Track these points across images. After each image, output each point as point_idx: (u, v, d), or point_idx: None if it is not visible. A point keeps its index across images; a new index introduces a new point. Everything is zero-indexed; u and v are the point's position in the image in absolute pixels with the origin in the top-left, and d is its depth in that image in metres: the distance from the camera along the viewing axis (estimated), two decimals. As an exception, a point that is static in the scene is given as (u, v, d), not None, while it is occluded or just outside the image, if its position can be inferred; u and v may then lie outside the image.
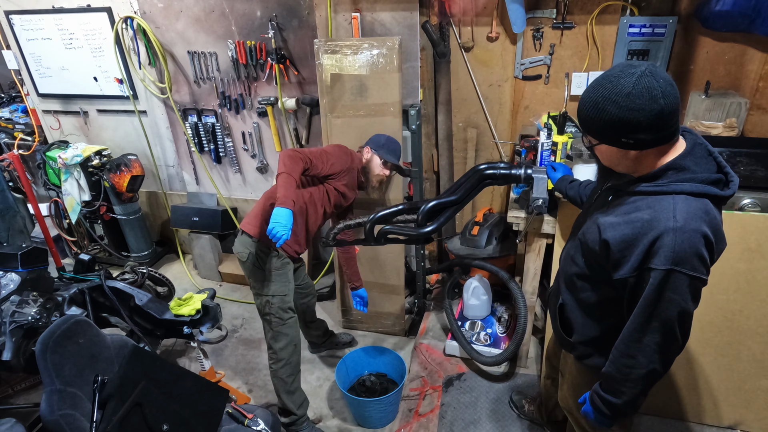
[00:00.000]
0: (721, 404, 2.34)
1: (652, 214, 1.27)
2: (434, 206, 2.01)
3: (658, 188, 1.29)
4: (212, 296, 2.57)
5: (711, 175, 1.28)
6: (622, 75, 1.21)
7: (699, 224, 1.23)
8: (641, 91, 1.18)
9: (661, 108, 1.18)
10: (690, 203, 1.25)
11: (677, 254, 1.23)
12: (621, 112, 1.20)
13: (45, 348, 1.65)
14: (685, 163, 1.28)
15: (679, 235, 1.22)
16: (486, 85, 2.96)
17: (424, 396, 2.69)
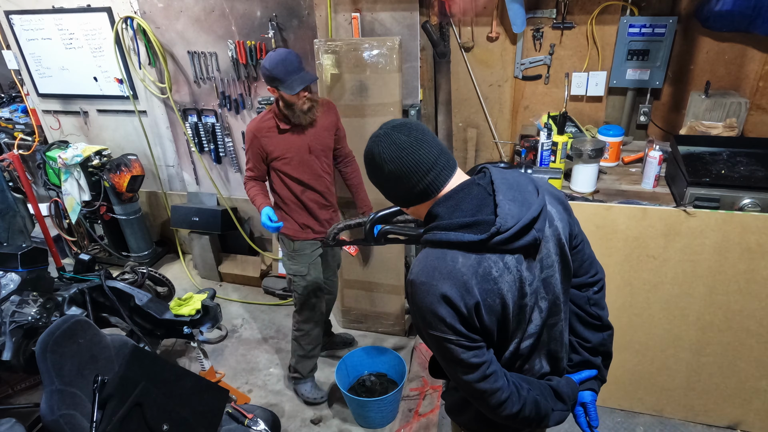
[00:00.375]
0: (721, 404, 2.34)
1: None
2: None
3: (423, 237, 1.20)
4: (212, 296, 2.57)
5: (462, 219, 1.12)
6: (370, 148, 1.20)
7: (430, 278, 1.09)
8: (378, 162, 1.17)
9: (396, 172, 1.15)
10: (428, 255, 1.13)
11: (419, 315, 1.12)
12: (379, 186, 1.25)
13: (45, 348, 1.65)
14: (437, 210, 1.17)
15: (415, 290, 1.11)
16: (486, 85, 2.96)
17: (424, 396, 2.69)
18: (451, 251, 1.11)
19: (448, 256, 1.10)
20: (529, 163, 2.56)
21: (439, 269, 1.09)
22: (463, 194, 1.18)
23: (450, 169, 1.22)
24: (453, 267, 1.08)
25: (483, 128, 3.08)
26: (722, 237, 2.03)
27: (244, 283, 3.81)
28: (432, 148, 1.18)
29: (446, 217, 1.15)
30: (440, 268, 1.09)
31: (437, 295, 1.07)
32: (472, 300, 1.08)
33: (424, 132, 1.19)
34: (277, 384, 2.91)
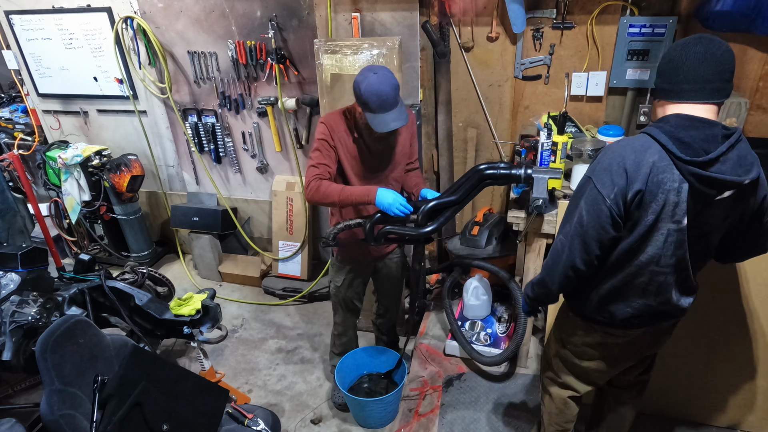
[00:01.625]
0: (721, 404, 2.34)
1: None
2: (434, 206, 2.01)
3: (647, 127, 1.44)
4: (212, 296, 2.57)
5: (680, 133, 1.35)
6: (713, 41, 1.35)
7: (625, 150, 1.38)
8: (673, 46, 1.40)
9: (669, 59, 1.38)
10: (638, 138, 1.40)
11: (596, 165, 1.42)
12: (661, 61, 1.44)
13: (45, 348, 1.65)
14: (671, 119, 1.39)
15: (608, 152, 1.41)
16: (486, 85, 2.96)
17: (424, 396, 2.69)
18: (655, 145, 1.36)
19: (652, 147, 1.36)
20: (529, 163, 2.55)
21: (636, 150, 1.37)
22: (702, 125, 1.36)
23: (713, 96, 1.37)
24: (644, 157, 1.35)
25: (483, 128, 3.08)
26: (722, 237, 2.03)
27: (244, 283, 3.81)
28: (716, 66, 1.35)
29: (673, 127, 1.36)
30: (638, 149, 1.36)
31: (621, 165, 1.36)
32: (636, 186, 1.35)
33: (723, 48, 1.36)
34: (277, 384, 2.91)
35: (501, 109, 3.00)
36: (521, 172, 2.17)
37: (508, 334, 2.93)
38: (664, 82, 1.41)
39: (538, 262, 2.44)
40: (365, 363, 2.76)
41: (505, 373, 2.77)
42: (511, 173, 2.19)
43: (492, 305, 3.10)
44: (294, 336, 3.30)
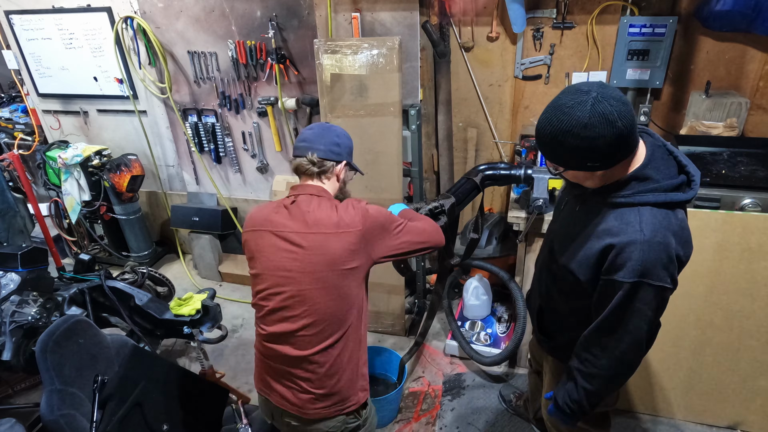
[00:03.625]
0: (721, 404, 2.34)
1: (619, 227, 1.28)
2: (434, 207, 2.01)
3: (623, 200, 1.29)
4: (212, 296, 2.57)
5: (673, 181, 1.29)
6: (575, 106, 1.18)
7: (665, 235, 1.24)
8: (598, 119, 1.16)
9: (620, 131, 1.18)
10: (655, 215, 1.26)
11: (645, 267, 1.24)
12: (582, 142, 1.19)
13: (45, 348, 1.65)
14: (648, 173, 1.28)
15: (646, 248, 1.23)
16: (486, 85, 2.95)
17: (424, 396, 2.69)
18: (671, 212, 1.27)
19: (671, 215, 1.27)
20: (530, 164, 2.56)
21: (669, 228, 1.25)
22: (659, 153, 1.31)
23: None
24: (679, 223, 1.27)
25: (483, 128, 3.08)
26: (722, 237, 2.03)
27: (244, 283, 3.81)
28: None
29: (659, 178, 1.28)
30: (669, 227, 1.25)
31: (671, 252, 1.24)
32: (689, 251, 1.30)
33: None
34: (277, 384, 2.91)
35: (501, 109, 3.00)
36: (521, 172, 2.17)
37: (507, 334, 2.93)
38: (621, 151, 1.23)
39: (538, 262, 2.44)
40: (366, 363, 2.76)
41: (504, 373, 2.77)
42: (511, 173, 2.19)
43: (492, 305, 3.10)
44: (294, 336, 3.30)
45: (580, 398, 1.46)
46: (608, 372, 1.39)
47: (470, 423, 2.51)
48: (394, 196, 2.85)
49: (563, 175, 1.35)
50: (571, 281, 1.44)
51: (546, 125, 1.25)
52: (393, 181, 2.81)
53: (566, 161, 1.28)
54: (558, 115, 1.21)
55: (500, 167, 2.22)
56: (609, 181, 1.32)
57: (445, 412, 2.59)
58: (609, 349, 1.36)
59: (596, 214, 1.35)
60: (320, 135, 1.60)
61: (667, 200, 1.27)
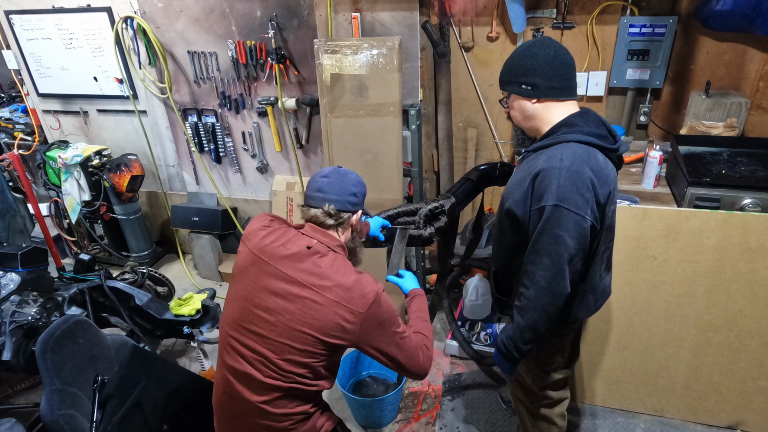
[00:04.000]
0: (721, 404, 2.34)
1: (545, 160, 1.43)
2: (434, 208, 2.01)
3: (552, 141, 1.46)
4: (212, 296, 2.58)
5: (599, 131, 1.46)
6: (532, 42, 1.47)
7: (581, 166, 1.37)
8: (538, 43, 1.45)
9: (553, 56, 1.42)
10: (576, 149, 1.41)
11: (561, 191, 1.36)
12: (520, 60, 1.46)
13: (45, 348, 1.65)
14: (575, 121, 1.46)
15: (563, 173, 1.37)
16: (486, 85, 2.96)
17: (424, 396, 2.69)
18: (593, 150, 1.43)
19: (592, 152, 1.42)
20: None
21: (587, 162, 1.39)
22: (592, 116, 1.50)
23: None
24: (597, 161, 1.41)
25: (483, 128, 3.08)
26: (722, 237, 2.03)
27: (244, 283, 3.81)
28: None
29: (584, 126, 1.45)
30: (588, 161, 1.39)
31: (586, 180, 1.37)
32: (606, 189, 1.42)
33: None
34: (277, 384, 2.91)
35: (501, 109, 3.00)
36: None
37: (508, 334, 2.92)
38: (554, 80, 1.45)
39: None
40: (365, 363, 2.76)
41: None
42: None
43: (492, 305, 3.10)
44: (294, 336, 3.30)
45: (514, 334, 1.53)
46: (536, 303, 1.46)
47: (470, 423, 2.51)
48: (394, 196, 2.85)
49: (510, 113, 1.57)
50: (516, 229, 1.54)
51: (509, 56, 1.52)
52: (393, 181, 2.81)
53: (507, 81, 1.51)
54: (518, 48, 1.51)
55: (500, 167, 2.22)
56: (543, 128, 1.51)
57: (445, 412, 2.59)
58: (535, 279, 1.44)
59: (532, 159, 1.50)
60: (337, 186, 1.48)
61: (588, 141, 1.43)
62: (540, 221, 1.40)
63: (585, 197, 1.36)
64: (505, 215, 1.56)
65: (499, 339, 1.59)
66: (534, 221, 1.43)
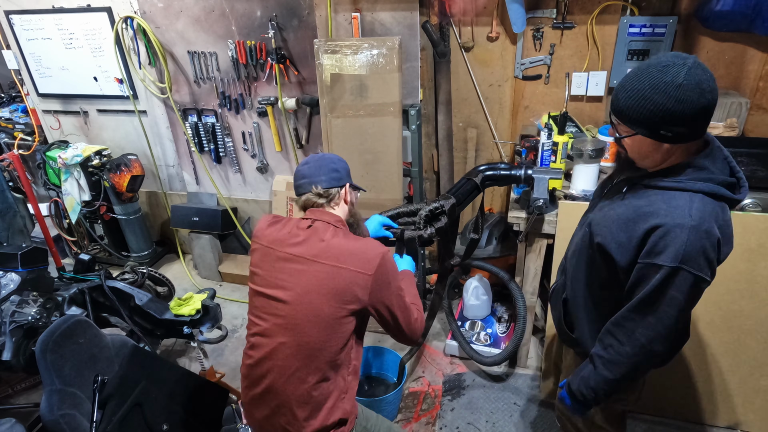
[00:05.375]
0: (721, 404, 2.34)
1: (667, 210, 1.25)
2: (435, 208, 2.01)
3: (675, 184, 1.27)
4: (212, 296, 2.57)
5: (727, 178, 1.28)
6: (671, 65, 1.17)
7: (712, 225, 1.22)
8: (692, 83, 1.15)
9: (708, 103, 1.17)
10: (706, 203, 1.24)
11: (687, 252, 1.21)
12: (669, 102, 1.16)
13: (45, 348, 1.65)
14: (705, 163, 1.26)
15: (692, 234, 1.20)
16: (486, 85, 2.95)
17: (424, 396, 2.69)
18: (722, 204, 1.27)
19: (720, 207, 1.26)
20: (530, 164, 2.56)
21: (717, 219, 1.24)
22: (718, 152, 1.30)
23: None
24: (726, 219, 1.27)
25: (483, 128, 3.08)
26: (722, 237, 2.03)
27: (244, 283, 3.81)
28: None
29: (715, 171, 1.27)
30: (717, 219, 1.24)
31: (714, 241, 1.23)
32: (728, 249, 1.29)
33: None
34: (277, 384, 2.91)
35: (501, 109, 3.00)
36: (521, 172, 2.17)
37: (507, 334, 2.93)
38: (698, 127, 1.22)
39: (539, 262, 2.44)
40: (365, 363, 2.76)
41: (504, 373, 2.77)
42: (512, 174, 2.19)
43: (492, 305, 3.10)
44: (294, 336, 3.30)
45: (596, 385, 1.42)
46: (630, 359, 1.34)
47: (470, 423, 2.51)
48: (394, 196, 2.85)
49: (624, 143, 1.32)
50: (605, 267, 1.41)
51: (634, 78, 1.22)
52: (393, 181, 2.81)
53: (642, 122, 1.23)
54: (650, 71, 1.19)
55: (500, 167, 2.22)
56: (666, 164, 1.30)
57: (445, 412, 2.59)
58: (635, 336, 1.32)
59: (644, 198, 1.32)
60: (317, 167, 1.61)
61: (719, 193, 1.25)
62: (653, 279, 1.26)
63: (710, 258, 1.23)
64: (596, 250, 1.42)
65: (575, 386, 1.48)
66: (641, 275, 1.29)
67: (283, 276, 1.50)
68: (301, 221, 1.58)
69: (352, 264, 1.44)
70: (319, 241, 1.49)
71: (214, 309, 2.51)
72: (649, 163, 1.33)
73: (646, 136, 1.25)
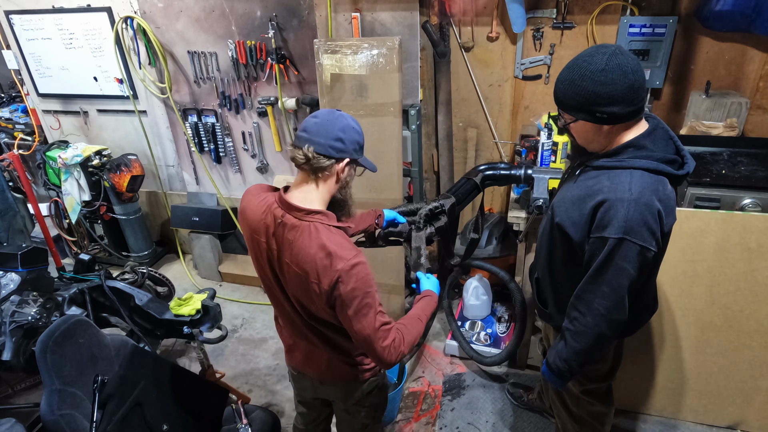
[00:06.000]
0: (721, 404, 2.34)
1: (610, 186, 1.37)
2: (435, 207, 2.01)
3: (617, 163, 1.40)
4: (212, 296, 2.57)
5: (667, 155, 1.39)
6: (594, 54, 1.33)
7: (651, 198, 1.33)
8: (613, 67, 1.30)
9: (632, 82, 1.30)
10: (645, 178, 1.35)
11: (629, 224, 1.32)
12: (596, 86, 1.31)
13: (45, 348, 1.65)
14: (644, 143, 1.39)
15: (632, 207, 1.32)
16: (486, 85, 2.95)
17: (424, 396, 2.69)
18: (662, 178, 1.37)
19: (660, 181, 1.36)
20: (530, 163, 2.56)
21: (656, 192, 1.34)
22: (660, 133, 1.42)
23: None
24: (666, 192, 1.36)
25: (483, 128, 3.08)
26: (722, 237, 2.03)
27: (244, 283, 3.81)
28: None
29: (655, 149, 1.39)
30: (657, 192, 1.34)
31: (654, 212, 1.33)
32: (671, 220, 1.39)
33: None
34: (277, 384, 2.91)
35: (501, 109, 3.00)
36: (521, 172, 2.17)
37: (507, 334, 2.93)
38: (631, 105, 1.33)
39: (538, 262, 2.44)
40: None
41: (505, 373, 2.77)
42: (511, 174, 2.19)
43: (492, 305, 3.10)
44: (294, 336, 3.30)
45: (568, 357, 1.53)
46: (593, 329, 1.46)
47: (470, 423, 2.51)
48: (394, 196, 2.85)
49: (571, 131, 1.46)
50: (565, 245, 1.51)
51: (565, 72, 1.38)
52: (393, 181, 2.81)
53: (579, 107, 1.37)
54: (578, 62, 1.36)
55: (500, 167, 2.22)
56: (610, 145, 1.43)
57: (445, 412, 2.59)
58: (594, 307, 1.43)
59: (592, 178, 1.44)
60: (323, 127, 1.37)
61: (657, 168, 1.36)
62: (602, 252, 1.37)
63: (652, 229, 1.33)
64: (556, 229, 1.53)
65: (551, 359, 1.59)
66: (594, 249, 1.40)
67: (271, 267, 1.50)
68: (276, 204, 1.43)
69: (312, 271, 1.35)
70: (287, 240, 1.39)
71: (214, 309, 2.50)
72: (596, 146, 1.46)
73: (586, 120, 1.39)
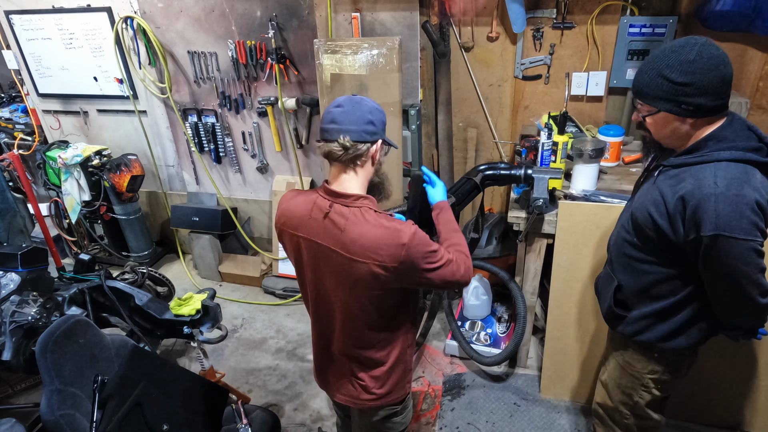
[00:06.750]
0: (721, 404, 2.34)
1: (694, 183, 1.30)
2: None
3: (699, 158, 1.33)
4: (212, 296, 2.57)
5: (751, 143, 1.32)
6: (684, 45, 1.28)
7: (741, 188, 1.25)
8: (704, 58, 1.25)
9: (723, 75, 1.26)
10: (730, 169, 1.28)
11: (721, 219, 1.25)
12: (686, 77, 1.27)
13: (45, 348, 1.65)
14: (725, 134, 1.32)
15: (721, 200, 1.25)
16: (486, 85, 2.96)
17: (424, 396, 2.69)
18: (750, 167, 1.29)
19: (749, 170, 1.28)
20: (530, 163, 2.56)
21: (745, 181, 1.26)
22: (738, 123, 1.35)
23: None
24: (755, 181, 1.27)
25: (483, 128, 3.08)
26: None
27: (244, 283, 3.81)
28: None
29: (736, 139, 1.31)
30: (746, 181, 1.26)
31: (750, 201, 1.24)
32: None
33: None
34: (278, 384, 2.91)
35: (501, 109, 3.00)
36: (521, 172, 2.17)
37: (507, 334, 2.93)
38: (719, 99, 1.29)
39: (539, 262, 2.44)
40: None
41: (504, 373, 2.77)
42: (511, 173, 2.19)
43: (492, 305, 3.10)
44: (294, 336, 3.30)
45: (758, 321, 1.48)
46: (756, 322, 1.45)
47: (470, 423, 2.51)
48: (394, 196, 2.84)
49: (648, 124, 1.40)
50: (653, 251, 1.47)
51: (650, 62, 1.33)
52: (393, 181, 2.81)
53: (662, 97, 1.32)
54: (665, 53, 1.31)
55: (500, 167, 2.22)
56: (689, 141, 1.37)
57: (445, 412, 2.59)
58: (735, 306, 1.40)
59: (673, 177, 1.38)
60: (351, 113, 1.36)
61: (744, 158, 1.29)
62: (701, 252, 1.31)
63: (750, 219, 1.24)
64: (639, 233, 1.48)
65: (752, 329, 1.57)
66: (694, 253, 1.35)
67: (321, 272, 1.49)
68: (319, 199, 1.42)
69: (373, 254, 1.33)
70: (338, 228, 1.37)
71: (214, 309, 2.50)
72: (674, 141, 1.40)
73: (668, 111, 1.33)
